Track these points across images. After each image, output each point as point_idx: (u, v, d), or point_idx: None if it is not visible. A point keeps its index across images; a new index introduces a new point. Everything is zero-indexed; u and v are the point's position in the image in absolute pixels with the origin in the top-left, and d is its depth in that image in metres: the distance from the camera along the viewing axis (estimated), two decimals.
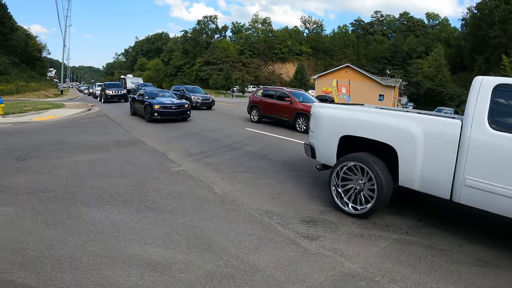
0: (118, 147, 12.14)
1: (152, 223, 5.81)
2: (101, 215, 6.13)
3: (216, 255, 4.76)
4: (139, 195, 7.16)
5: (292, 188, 7.95)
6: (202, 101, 29.05)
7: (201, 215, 6.17)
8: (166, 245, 5.04)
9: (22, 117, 20.73)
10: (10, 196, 7.01)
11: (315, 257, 4.79)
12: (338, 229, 5.73)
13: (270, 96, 20.64)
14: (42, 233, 5.40)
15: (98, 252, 4.82)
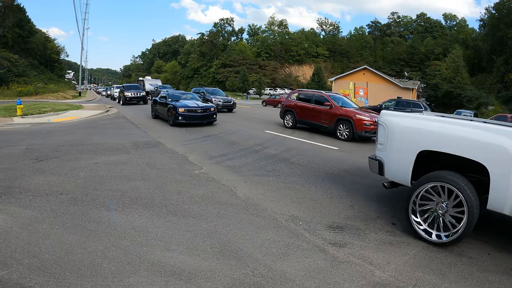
0: (137, 148, 11.99)
1: (174, 228, 5.64)
2: (122, 219, 5.95)
3: (243, 263, 4.57)
4: (160, 199, 6.99)
5: (315, 192, 7.75)
6: (224, 103, 28.14)
7: (225, 220, 5.98)
8: (190, 252, 4.86)
9: (40, 118, 20.81)
10: (28, 197, 6.88)
11: (344, 265, 4.60)
12: (366, 235, 5.54)
13: (307, 100, 18.76)
14: (61, 236, 5.23)
15: (120, 258, 4.65)
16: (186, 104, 18.43)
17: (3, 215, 6.00)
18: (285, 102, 20.45)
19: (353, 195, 7.61)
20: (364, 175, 9.31)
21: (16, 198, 6.86)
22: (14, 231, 5.39)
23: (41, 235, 5.28)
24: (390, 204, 7.18)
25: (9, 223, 5.68)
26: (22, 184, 7.73)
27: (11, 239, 5.11)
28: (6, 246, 4.90)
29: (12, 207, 6.37)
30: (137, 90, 35.53)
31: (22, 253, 4.73)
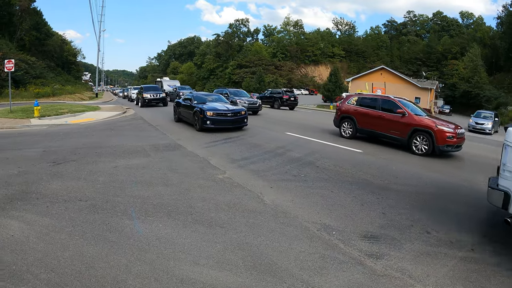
0: (156, 151, 11.70)
1: (202, 239, 5.32)
2: (145, 228, 5.62)
3: (279, 278, 4.28)
4: (184, 206, 6.67)
5: (345, 198, 7.47)
6: (249, 105, 26.39)
7: (255, 230, 5.67)
8: (221, 266, 4.56)
9: (58, 119, 20.64)
10: (46, 204, 6.58)
11: (384, 279, 4.37)
12: (402, 246, 5.30)
13: (370, 106, 15.83)
14: (81, 248, 4.92)
15: (145, 273, 4.35)
16: (215, 107, 16.85)
17: (19, 223, 5.70)
18: (341, 106, 17.35)
19: (383, 201, 7.35)
20: (392, 180, 9.10)
21: (33, 204, 6.56)
22: (30, 241, 5.08)
23: (60, 246, 4.95)
24: (421, 211, 6.91)
25: (26, 232, 5.37)
26: (39, 189, 7.43)
27: (28, 251, 4.80)
28: (22, 259, 4.58)
29: (29, 215, 6.05)
30: (156, 92, 33.71)
31: (40, 266, 4.41)
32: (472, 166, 12.06)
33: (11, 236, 5.23)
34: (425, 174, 10.16)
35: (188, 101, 18.63)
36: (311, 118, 28.54)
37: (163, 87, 43.18)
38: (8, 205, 6.45)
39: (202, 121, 16.14)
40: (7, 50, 51.88)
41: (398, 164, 11.18)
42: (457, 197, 7.95)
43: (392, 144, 14.53)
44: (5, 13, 65.75)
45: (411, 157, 12.67)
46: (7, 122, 19.07)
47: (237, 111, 17.02)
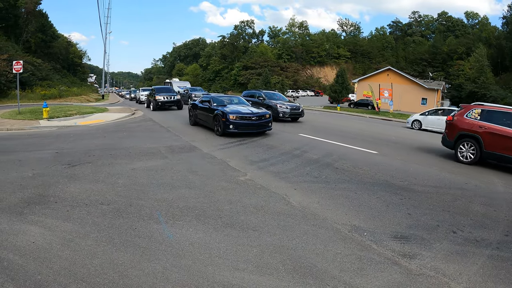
0: (173, 153, 11.48)
1: (237, 243, 5.18)
2: (176, 233, 5.42)
3: (321, 281, 4.22)
4: (212, 209, 6.48)
5: (370, 199, 7.41)
6: (292, 111, 22.47)
7: (288, 233, 5.56)
8: (261, 271, 4.44)
9: (67, 121, 20.46)
10: (66, 208, 6.32)
11: (420, 278, 4.39)
12: (431, 245, 5.33)
13: (506, 123, 11.66)
14: (110, 255, 4.67)
15: (184, 281, 4.15)
16: (238, 110, 15.71)
17: (40, 228, 5.44)
18: (455, 121, 13.16)
19: (407, 202, 7.34)
20: (411, 181, 9.06)
21: (52, 208, 6.29)
22: (54, 248, 4.82)
23: (87, 253, 4.70)
24: (444, 211, 6.91)
25: (48, 238, 5.11)
26: (56, 192, 7.19)
27: (53, 259, 4.53)
28: (47, 267, 4.32)
29: (49, 219, 5.79)
30: (170, 94, 30.88)
31: (67, 275, 4.15)
32: (486, 167, 11.92)
33: (32, 243, 4.96)
34: (442, 175, 10.12)
35: (207, 103, 17.43)
36: (321, 120, 28.54)
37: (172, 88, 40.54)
38: (26, 209, 6.19)
39: (224, 125, 15.05)
40: (13, 52, 51.74)
41: (414, 165, 11.15)
42: (476, 198, 7.91)
43: (406, 145, 14.36)
44: (11, 16, 65.83)
45: (427, 158, 12.64)
46: (16, 124, 18.92)
47: (262, 115, 15.89)
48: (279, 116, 21.88)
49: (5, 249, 4.74)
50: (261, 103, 22.39)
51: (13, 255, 4.60)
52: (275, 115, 20.73)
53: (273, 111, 20.64)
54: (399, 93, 55.32)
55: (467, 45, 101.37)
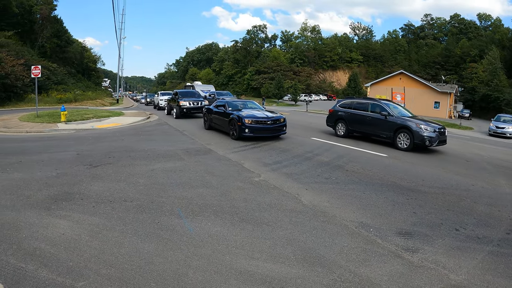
0: (189, 155, 11.81)
1: (252, 236, 5.58)
2: (195, 227, 5.83)
3: (328, 269, 4.61)
4: (228, 206, 6.87)
5: (377, 199, 7.71)
6: (439, 135, 14.46)
7: (299, 228, 5.94)
8: (274, 259, 4.83)
9: (84, 124, 20.96)
10: (91, 204, 6.74)
11: (421, 269, 4.72)
12: (434, 241, 5.63)
13: None
14: (136, 245, 5.07)
15: (205, 267, 4.57)
16: (253, 115, 15.71)
17: (68, 222, 5.86)
18: None
19: (413, 202, 7.61)
20: (419, 183, 9.33)
21: (78, 204, 6.73)
22: (83, 239, 5.23)
23: (114, 243, 5.10)
24: (448, 211, 7.17)
25: (76, 230, 5.53)
26: (81, 190, 7.62)
27: (82, 248, 4.95)
28: (78, 255, 4.73)
29: (76, 214, 6.22)
30: (196, 99, 27.22)
31: (97, 262, 4.55)
32: (494, 169, 12.10)
33: (62, 234, 5.38)
34: (449, 176, 10.35)
35: (222, 107, 17.43)
36: None
37: None
38: (53, 205, 6.64)
39: (240, 129, 15.20)
40: (29, 57, 52.69)
41: (422, 168, 11.36)
42: (481, 199, 8.14)
43: (416, 149, 14.56)
44: (27, 21, 67.08)
45: (434, 161, 12.82)
46: (35, 126, 19.50)
47: (277, 119, 15.92)
48: (425, 143, 14.23)
49: (36, 240, 5.17)
50: (384, 120, 15.68)
51: (44, 245, 5.02)
52: (415, 141, 14.34)
53: (412, 135, 14.42)
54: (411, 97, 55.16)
55: (480, 47, 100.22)
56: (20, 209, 6.44)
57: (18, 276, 4.19)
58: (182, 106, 25.71)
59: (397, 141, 14.92)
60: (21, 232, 5.41)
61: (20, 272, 4.28)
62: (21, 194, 7.31)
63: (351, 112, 17.65)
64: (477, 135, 32.75)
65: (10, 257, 4.63)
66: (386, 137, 15.54)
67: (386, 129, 15.49)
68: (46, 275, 4.21)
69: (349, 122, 17.56)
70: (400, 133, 14.85)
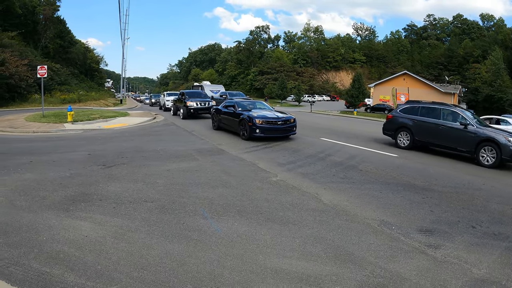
0: (203, 155, 11.73)
1: (280, 235, 5.56)
2: (222, 227, 5.78)
3: (360, 266, 4.68)
4: (252, 206, 6.82)
5: (394, 198, 7.79)
6: None
7: (325, 226, 5.99)
8: (306, 258, 4.86)
9: (91, 125, 20.86)
10: (111, 205, 6.61)
11: (445, 264, 4.84)
12: (453, 238, 5.75)
13: None
14: (165, 247, 4.97)
15: (240, 267, 4.53)
16: (264, 115, 15.60)
17: (90, 223, 5.72)
18: None
19: (429, 201, 7.71)
20: (432, 182, 9.40)
21: (98, 205, 6.59)
22: (108, 241, 5.10)
23: (142, 245, 4.98)
24: (464, 209, 7.26)
25: (100, 232, 5.39)
26: (98, 191, 7.48)
27: (109, 250, 4.81)
28: (105, 258, 4.60)
29: (97, 215, 6.08)
30: (203, 99, 26.74)
31: (127, 265, 4.43)
32: (505, 170, 12.13)
33: (85, 236, 5.23)
34: (460, 176, 10.48)
35: (231, 108, 17.37)
36: (339, 124, 28.40)
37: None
38: (71, 206, 6.49)
39: (250, 130, 15.10)
40: (33, 58, 52.71)
41: (434, 168, 11.40)
42: (493, 198, 8.24)
43: (424, 149, 14.82)
44: (30, 22, 67.04)
45: (445, 161, 12.88)
46: (42, 127, 19.42)
47: (287, 119, 15.86)
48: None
49: (58, 243, 5.00)
50: (463, 131, 13.40)
51: (68, 247, 4.86)
52: (504, 156, 12.08)
53: (499, 149, 12.17)
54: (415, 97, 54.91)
55: (483, 47, 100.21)
56: (37, 210, 6.28)
57: (43, 281, 4.03)
58: (189, 106, 25.33)
59: (481, 157, 12.57)
60: (41, 235, 5.24)
61: (45, 277, 4.12)
62: (36, 195, 7.16)
63: (418, 119, 15.03)
64: None
65: (32, 261, 4.47)
66: (466, 152, 13.18)
67: (466, 142, 13.14)
68: (74, 280, 4.06)
69: (415, 131, 14.92)
70: (483, 147, 12.62)
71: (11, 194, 7.15)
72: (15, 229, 5.42)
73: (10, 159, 10.59)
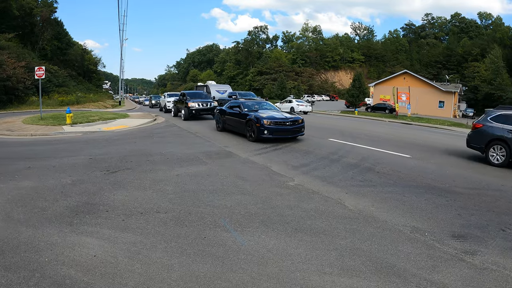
0: (211, 159, 11.20)
1: (313, 247, 5.14)
2: (248, 240, 5.27)
3: (404, 279, 4.36)
4: (275, 215, 6.33)
5: (419, 201, 7.51)
6: None
7: (358, 235, 5.62)
8: (347, 273, 4.47)
9: (90, 127, 20.25)
10: (120, 217, 6.00)
11: (486, 272, 4.62)
12: (486, 242, 5.54)
13: None
14: (189, 267, 4.38)
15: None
16: (272, 116, 15.12)
17: (97, 240, 5.09)
18: None
19: (453, 203, 7.48)
20: (452, 183, 9.18)
21: (104, 217, 5.95)
22: (121, 262, 4.47)
23: (161, 266, 4.37)
24: (489, 211, 7.06)
25: (110, 251, 4.77)
26: (103, 200, 6.87)
27: (124, 274, 4.18)
28: (121, 284, 3.98)
29: (105, 230, 5.44)
30: (205, 100, 26.03)
31: None
32: None
33: (93, 256, 4.60)
34: (477, 177, 10.28)
35: (237, 108, 16.87)
36: (343, 124, 28.17)
37: (210, 93, 34.78)
38: (75, 219, 5.85)
39: (258, 131, 14.58)
40: (30, 60, 52.07)
41: (449, 168, 11.18)
42: None
43: (432, 148, 14.83)
44: (27, 24, 66.63)
45: (459, 161, 12.73)
46: (40, 129, 18.86)
47: (295, 120, 15.33)
48: None
49: (63, 265, 4.37)
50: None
51: (74, 271, 4.22)
52: None
53: None
54: (415, 96, 54.80)
55: (481, 46, 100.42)
56: (36, 224, 5.63)
57: None
58: (191, 107, 24.78)
59: None
60: (42, 255, 4.59)
61: None
62: (34, 205, 6.53)
63: None
64: None
65: None
66: None
67: None
68: None
69: None
70: None
71: (7, 205, 6.52)
72: (13, 248, 4.79)
73: (6, 165, 9.99)
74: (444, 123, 37.80)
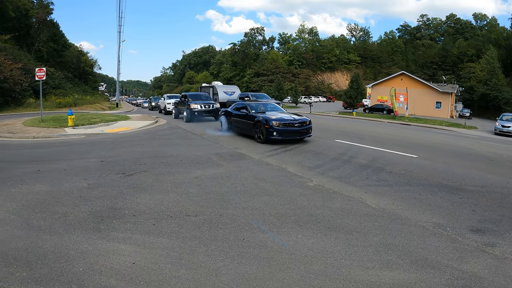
0: (225, 161, 11.13)
1: (350, 244, 5.29)
2: (287, 240, 5.31)
3: (439, 270, 4.59)
4: (305, 215, 6.40)
5: (435, 199, 7.70)
6: None
7: (387, 232, 5.80)
8: (387, 266, 4.66)
9: (93, 129, 20.19)
10: (149, 221, 5.87)
11: (507, 261, 4.89)
12: (503, 235, 5.79)
13: None
14: (236, 270, 4.34)
15: (328, 285, 4.15)
16: (281, 117, 15.03)
17: (132, 246, 4.94)
18: None
19: (467, 200, 7.69)
20: (462, 182, 9.32)
21: (133, 222, 5.80)
22: (164, 268, 4.34)
23: (208, 270, 4.30)
24: (500, 207, 7.29)
25: (149, 257, 4.63)
26: (127, 204, 6.73)
27: (171, 281, 4.05)
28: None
29: (137, 235, 5.30)
30: (207, 102, 25.84)
31: None
32: None
33: (132, 264, 4.43)
34: (483, 175, 10.41)
35: (243, 110, 16.76)
36: (344, 125, 28.17)
37: (218, 94, 33.94)
38: (102, 225, 5.66)
39: (267, 132, 14.46)
40: (26, 61, 51.77)
41: (457, 167, 11.33)
42: None
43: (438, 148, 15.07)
44: (23, 25, 66.46)
45: (465, 161, 12.90)
46: (42, 131, 18.74)
47: (303, 121, 15.16)
48: None
49: (101, 275, 4.17)
50: None
51: (115, 280, 4.05)
52: None
53: None
54: (413, 97, 54.92)
55: (477, 47, 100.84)
56: (60, 231, 5.39)
57: None
58: (193, 109, 24.64)
59: None
60: (75, 265, 4.35)
61: None
62: (54, 211, 6.29)
63: None
64: (484, 134, 32.74)
65: None
66: None
67: None
68: None
69: None
70: None
71: (23, 211, 6.29)
72: (40, 258, 4.54)
73: (14, 168, 9.82)
74: (441, 123, 38.11)
